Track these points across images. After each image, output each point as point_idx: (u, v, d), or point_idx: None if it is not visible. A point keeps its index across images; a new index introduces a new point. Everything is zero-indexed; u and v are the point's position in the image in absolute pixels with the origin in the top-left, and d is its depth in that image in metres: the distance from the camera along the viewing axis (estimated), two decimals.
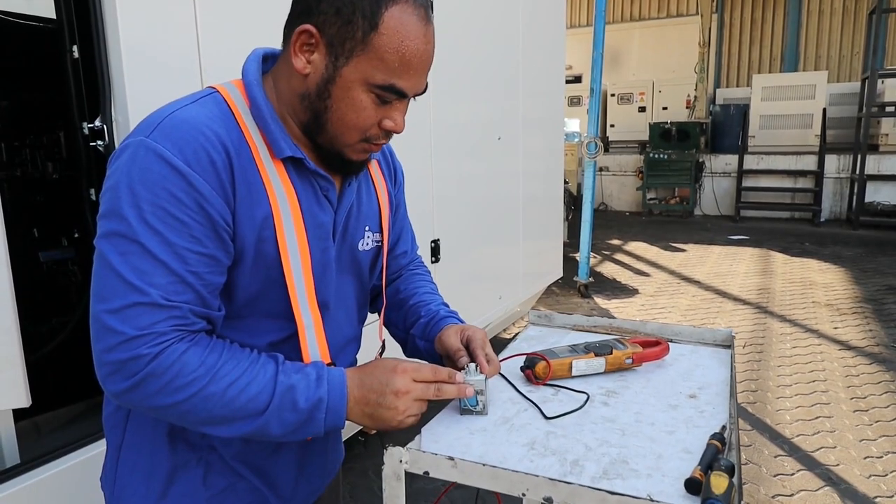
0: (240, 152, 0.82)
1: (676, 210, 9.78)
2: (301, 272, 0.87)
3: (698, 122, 9.95)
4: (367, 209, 1.00)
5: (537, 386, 1.07)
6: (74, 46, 1.66)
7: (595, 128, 5.39)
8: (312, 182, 0.89)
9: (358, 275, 1.01)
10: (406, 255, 1.18)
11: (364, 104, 0.82)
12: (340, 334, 0.99)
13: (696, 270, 6.30)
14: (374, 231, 1.01)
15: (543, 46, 4.11)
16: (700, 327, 1.29)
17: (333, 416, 0.83)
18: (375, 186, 1.03)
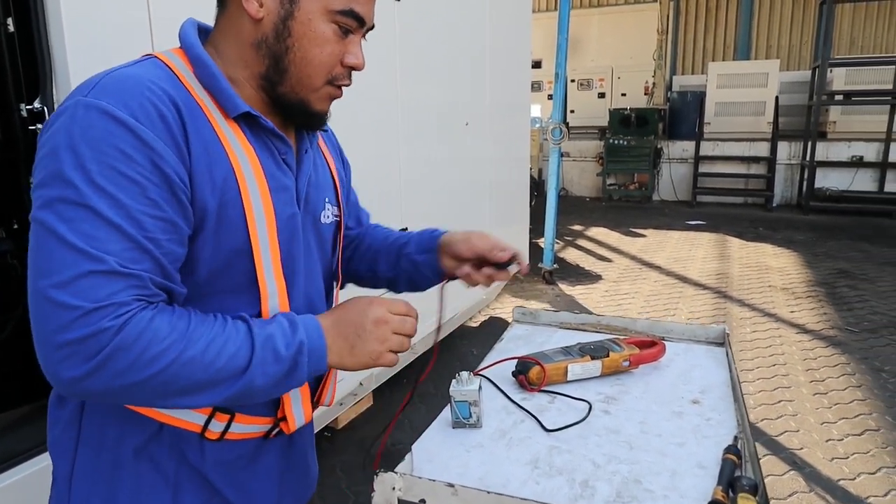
0: (191, 110, 0.74)
1: (635, 196, 9.90)
2: (267, 238, 0.80)
3: (656, 109, 10.07)
4: (323, 181, 0.94)
5: (532, 393, 1.01)
6: (9, 19, 1.49)
7: (560, 113, 5.36)
8: (269, 144, 0.82)
9: (323, 250, 0.94)
10: (361, 224, 1.13)
11: (327, 36, 0.79)
12: (317, 298, 0.93)
13: (656, 256, 6.39)
14: (333, 204, 0.95)
15: (509, 31, 4.04)
16: (692, 324, 1.25)
17: (316, 359, 0.76)
18: (327, 160, 0.98)
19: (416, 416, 3.02)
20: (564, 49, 5.14)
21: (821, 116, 8.85)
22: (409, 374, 3.43)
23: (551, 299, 4.96)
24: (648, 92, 10.62)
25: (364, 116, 2.58)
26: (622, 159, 9.68)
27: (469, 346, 3.98)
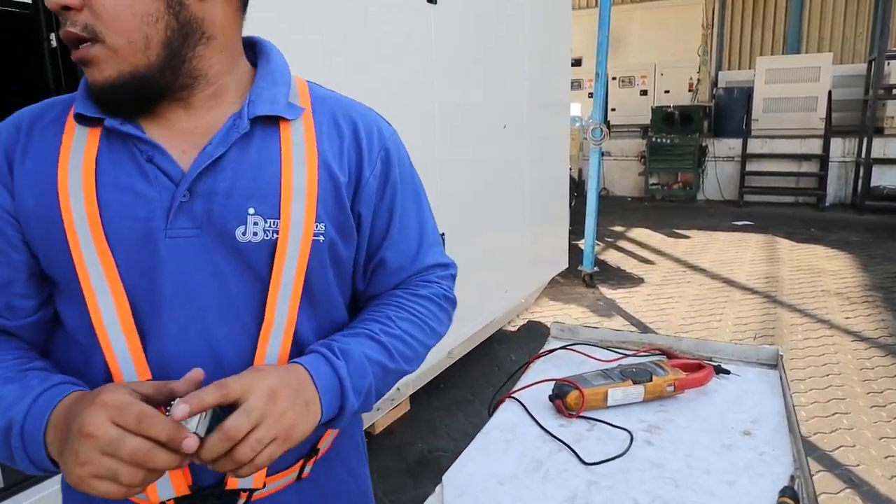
0: (43, 129, 0.71)
1: (679, 195, 9.65)
2: (100, 268, 0.68)
3: (701, 106, 9.78)
4: (251, 182, 0.71)
5: (569, 419, 0.96)
6: (52, 35, 1.53)
7: (601, 113, 5.24)
8: (128, 147, 0.70)
9: (252, 276, 0.73)
10: (401, 269, 0.85)
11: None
12: (218, 358, 0.72)
13: (701, 258, 6.20)
14: (268, 217, 0.71)
15: (549, 29, 3.96)
16: (742, 344, 1.17)
17: (32, 448, 0.63)
18: (285, 154, 0.73)
19: (452, 422, 2.99)
20: (605, 47, 5.03)
21: (877, 111, 8.44)
22: (448, 379, 3.40)
23: (591, 303, 4.86)
24: (693, 88, 10.34)
25: (401, 120, 2.56)
26: (665, 158, 9.45)
27: (507, 350, 3.93)
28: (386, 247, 0.83)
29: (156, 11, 0.65)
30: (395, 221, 0.82)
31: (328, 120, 0.78)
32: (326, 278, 0.78)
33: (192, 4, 0.68)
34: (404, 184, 0.84)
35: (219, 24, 0.71)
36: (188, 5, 0.68)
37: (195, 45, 0.70)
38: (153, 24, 0.66)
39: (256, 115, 0.72)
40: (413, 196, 0.86)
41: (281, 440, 0.63)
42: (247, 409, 0.61)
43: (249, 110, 0.72)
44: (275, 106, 0.73)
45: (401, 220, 0.83)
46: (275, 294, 0.72)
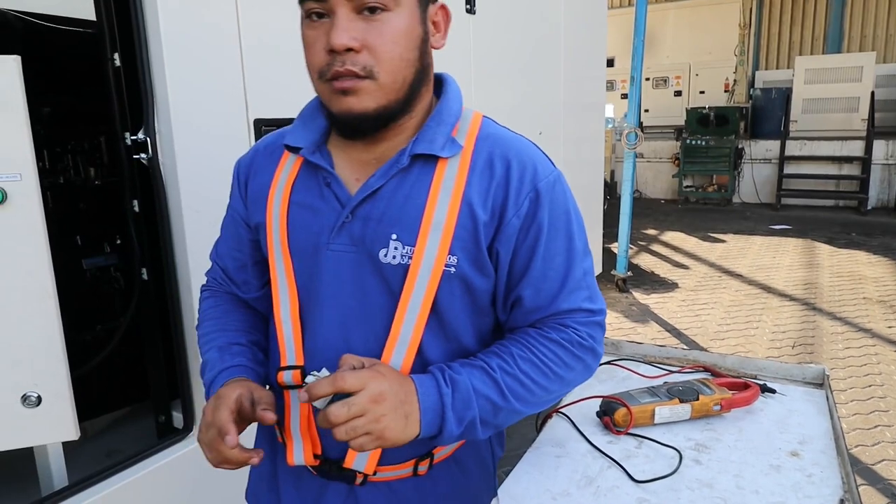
0: (269, 154, 0.93)
1: (714, 198, 9.50)
2: (283, 268, 0.88)
3: (738, 107, 9.62)
4: (399, 212, 0.81)
5: (617, 436, 0.99)
6: (116, 55, 1.60)
7: (635, 117, 5.22)
8: (316, 173, 0.86)
9: (389, 293, 0.83)
10: (538, 309, 0.86)
11: (307, 37, 0.79)
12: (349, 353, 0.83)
13: (737, 263, 6.11)
14: (406, 243, 0.81)
15: (585, 31, 3.97)
16: (787, 363, 1.19)
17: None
18: (433, 190, 0.82)
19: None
20: (640, 52, 5.01)
21: None
22: None
23: (625, 308, 4.84)
24: (729, 89, 10.17)
25: None
26: (700, 160, 9.32)
27: None
28: (524, 285, 0.85)
29: (413, 58, 0.79)
30: (535, 262, 0.84)
31: (484, 158, 0.84)
32: (455, 306, 0.85)
33: (429, 53, 0.83)
34: (554, 225, 0.85)
35: (431, 69, 0.86)
36: (428, 53, 0.83)
37: (423, 86, 0.84)
38: (410, 67, 0.79)
39: (416, 153, 0.82)
40: (564, 238, 0.86)
41: (374, 437, 0.73)
42: (350, 402, 0.72)
43: (412, 148, 0.82)
44: (433, 146, 0.82)
45: (543, 262, 0.84)
46: (402, 312, 0.82)
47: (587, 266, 0.89)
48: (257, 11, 1.68)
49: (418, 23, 0.79)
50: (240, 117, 1.70)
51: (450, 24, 0.86)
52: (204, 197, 1.61)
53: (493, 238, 0.83)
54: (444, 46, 0.86)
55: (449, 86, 0.88)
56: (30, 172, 1.16)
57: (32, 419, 1.20)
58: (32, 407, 1.18)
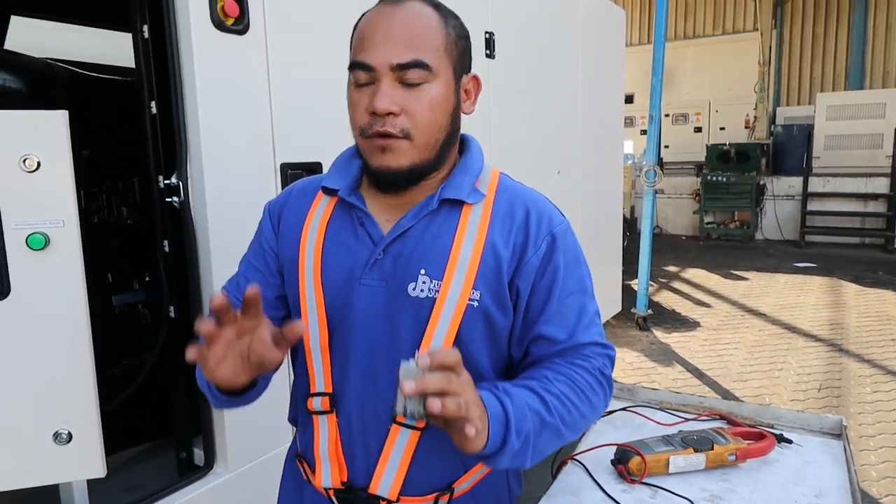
0: (302, 196, 0.99)
1: (736, 234, 9.42)
2: (314, 302, 0.92)
3: (759, 144, 9.60)
4: (428, 250, 0.89)
5: (632, 485, 0.99)
6: (153, 102, 1.68)
7: (654, 155, 5.25)
8: (350, 213, 0.94)
9: (416, 325, 0.89)
10: (559, 341, 0.91)
11: (353, 99, 0.88)
12: (375, 384, 0.90)
13: (760, 301, 6.02)
14: (434, 278, 0.88)
15: (603, 69, 4.04)
16: (804, 412, 1.18)
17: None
18: (460, 230, 0.90)
19: None
20: (659, 91, 5.07)
21: None
22: None
23: (645, 347, 4.79)
24: (749, 125, 10.17)
25: None
26: (721, 196, 9.29)
27: None
28: (543, 321, 0.90)
29: (445, 123, 0.88)
30: (553, 299, 0.90)
31: (505, 206, 0.93)
32: (477, 340, 0.90)
33: (458, 120, 0.91)
34: (567, 268, 0.92)
35: (459, 133, 0.94)
36: (457, 120, 0.91)
37: (451, 147, 0.92)
38: (441, 131, 0.88)
39: (444, 198, 0.90)
40: (577, 280, 0.93)
41: (470, 403, 0.72)
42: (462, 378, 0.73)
43: (440, 193, 0.90)
44: (459, 192, 0.90)
45: (559, 299, 0.91)
46: (428, 342, 0.88)
47: (596, 308, 0.96)
48: (286, 61, 1.77)
49: (452, 92, 0.89)
50: (267, 161, 1.77)
51: (480, 91, 0.94)
52: (231, 238, 1.67)
53: (513, 275, 0.90)
54: (473, 112, 0.94)
55: (472, 144, 0.98)
56: (72, 219, 1.22)
57: (62, 456, 1.24)
58: (63, 444, 1.22)
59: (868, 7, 10.61)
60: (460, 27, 0.91)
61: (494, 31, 2.76)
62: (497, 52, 2.79)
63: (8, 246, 1.21)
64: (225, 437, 1.69)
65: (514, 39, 2.91)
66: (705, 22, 12.15)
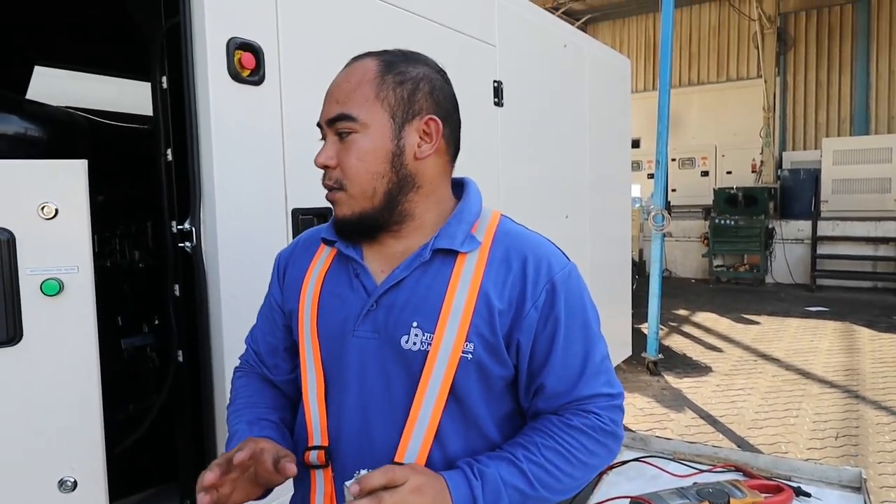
0: (307, 246, 1.02)
1: (746, 278, 9.37)
2: (311, 355, 0.94)
3: (766, 187, 9.65)
4: (420, 301, 0.88)
5: None
6: (169, 150, 1.73)
7: (661, 199, 5.28)
8: (347, 265, 0.94)
9: (409, 379, 0.87)
10: (559, 395, 0.89)
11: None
12: (370, 439, 0.89)
13: (773, 346, 5.94)
14: (426, 330, 0.86)
15: (609, 115, 4.11)
16: (822, 465, 1.16)
17: None
18: (453, 281, 0.88)
19: None
20: (665, 137, 5.13)
21: None
22: None
23: (656, 392, 4.71)
24: (756, 170, 10.24)
25: None
26: (730, 240, 9.27)
27: None
28: (546, 373, 0.88)
29: (383, 171, 0.88)
30: (556, 351, 0.88)
31: (501, 253, 0.90)
32: (473, 392, 0.88)
33: (409, 164, 0.90)
34: (571, 315, 0.89)
35: (428, 176, 0.92)
36: (406, 165, 0.89)
37: (408, 193, 0.90)
38: (380, 179, 0.88)
39: (437, 248, 0.89)
40: (581, 326, 0.91)
41: None
42: (397, 492, 0.76)
43: (433, 243, 0.90)
44: (453, 241, 0.89)
45: (563, 350, 0.88)
46: (421, 396, 0.86)
47: (604, 350, 0.93)
48: (299, 111, 1.81)
49: (389, 139, 0.88)
50: (279, 207, 1.80)
51: (440, 133, 0.90)
52: (241, 283, 1.68)
53: (510, 328, 0.88)
54: (428, 155, 0.90)
55: (469, 188, 0.97)
56: (86, 266, 1.24)
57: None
58: (68, 492, 1.20)
59: (871, 54, 10.82)
60: (407, 73, 0.89)
61: (502, 80, 2.82)
62: (505, 99, 2.85)
63: (23, 291, 1.22)
64: None
65: (521, 87, 2.98)
66: (709, 69, 12.41)
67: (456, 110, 0.95)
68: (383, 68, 0.89)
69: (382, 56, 0.91)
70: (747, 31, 11.43)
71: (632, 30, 12.89)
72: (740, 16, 11.34)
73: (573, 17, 11.67)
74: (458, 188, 0.98)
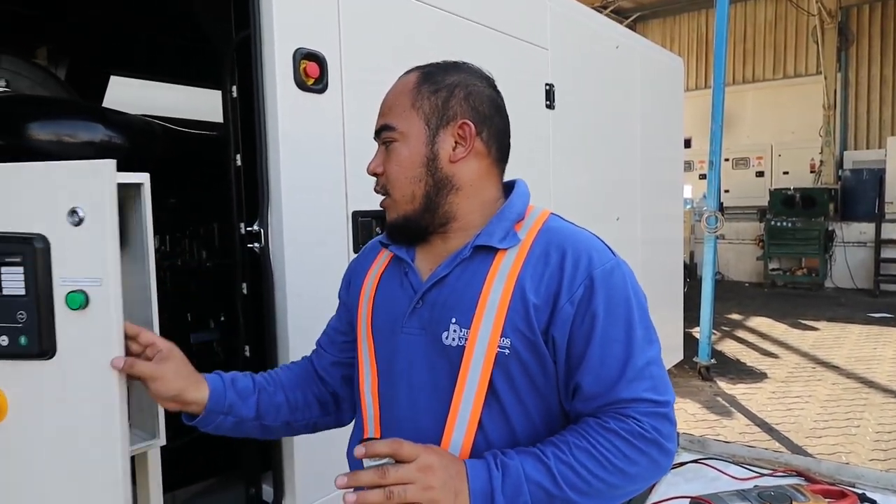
0: (372, 249, 1.09)
1: (804, 282, 9.04)
2: (368, 352, 0.99)
3: (826, 188, 9.29)
4: (459, 298, 0.90)
5: None
6: (238, 155, 1.81)
7: (715, 201, 5.16)
8: (399, 265, 1.00)
9: (453, 373, 0.89)
10: (596, 396, 0.87)
11: None
12: (420, 431, 0.89)
13: (832, 353, 5.72)
14: (463, 326, 0.89)
15: (662, 115, 4.06)
16: (890, 472, 1.14)
17: None
18: (490, 277, 0.90)
19: None
20: (719, 137, 5.02)
21: None
22: None
23: (709, 398, 4.62)
24: (815, 170, 9.87)
25: None
26: (786, 242, 8.97)
27: None
28: (582, 372, 0.86)
29: (420, 174, 0.94)
30: (592, 348, 0.86)
31: (541, 249, 0.91)
32: (512, 387, 0.88)
33: (444, 167, 0.94)
34: (612, 313, 0.86)
35: (467, 179, 0.96)
36: (441, 168, 0.94)
37: (447, 195, 0.95)
38: (417, 182, 0.94)
39: (477, 245, 0.92)
40: (623, 326, 0.87)
41: (413, 489, 0.77)
42: (403, 467, 0.78)
43: (473, 241, 0.93)
44: (491, 238, 0.92)
45: (600, 349, 0.85)
46: (461, 391, 0.89)
47: (651, 356, 0.88)
48: (359, 117, 1.88)
49: (423, 145, 0.94)
50: (340, 210, 1.87)
51: (473, 136, 0.94)
52: (305, 283, 1.76)
53: (547, 324, 0.87)
54: (462, 158, 0.94)
55: (516, 188, 1.00)
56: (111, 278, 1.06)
57: None
58: None
59: None
60: (442, 81, 0.95)
61: (554, 83, 2.84)
62: (556, 102, 2.86)
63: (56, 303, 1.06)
64: (294, 473, 1.74)
65: (573, 90, 2.99)
66: (765, 66, 12.00)
67: (498, 114, 0.98)
68: (421, 79, 0.96)
69: (424, 69, 0.98)
70: (805, 25, 11.01)
71: (682, 27, 12.59)
72: (798, 10, 10.94)
73: (622, 16, 11.50)
74: (509, 189, 1.00)
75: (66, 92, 2.12)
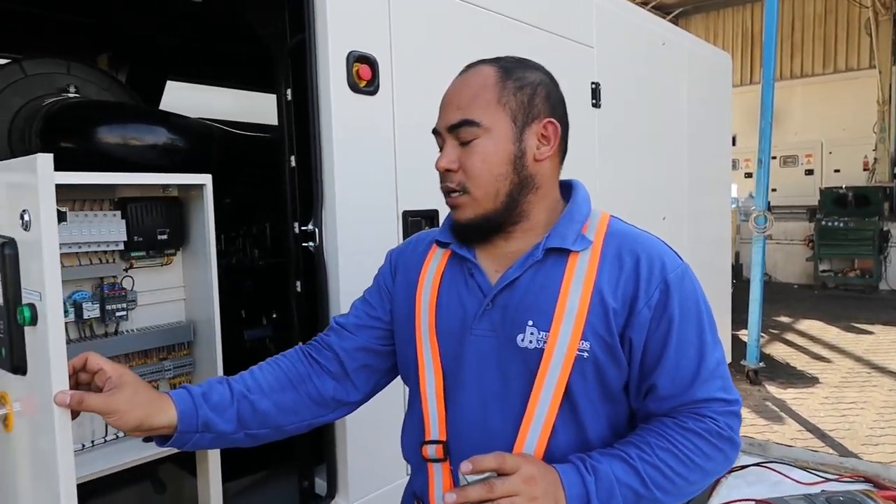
0: (419, 246, 1.05)
1: (856, 284, 8.70)
2: (430, 355, 0.96)
3: (881, 187, 8.92)
4: (535, 300, 0.90)
5: None
6: (292, 157, 1.86)
7: (763, 200, 5.03)
8: (462, 265, 0.97)
9: (527, 376, 0.89)
10: (672, 397, 0.88)
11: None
12: (489, 434, 0.90)
13: (889, 358, 5.50)
14: (542, 329, 0.88)
15: (709, 111, 3.98)
16: None
17: None
18: (566, 280, 0.90)
19: None
20: (768, 134, 4.89)
21: None
22: None
23: (758, 403, 4.50)
24: (869, 168, 9.49)
25: None
26: (838, 243, 8.66)
27: None
28: (658, 374, 0.88)
29: (506, 172, 0.92)
30: (669, 351, 0.87)
31: (613, 252, 0.92)
32: (588, 391, 0.89)
33: (529, 166, 0.93)
34: (685, 316, 0.89)
35: (545, 178, 0.95)
36: (527, 166, 0.93)
37: (527, 194, 0.94)
38: (503, 181, 0.92)
39: (549, 247, 0.91)
40: (696, 328, 0.89)
41: (522, 500, 0.77)
42: (508, 480, 0.78)
43: (545, 243, 0.92)
44: (564, 240, 0.92)
45: (676, 351, 0.88)
46: (538, 393, 0.88)
47: (719, 356, 0.91)
48: (409, 118, 1.90)
49: (511, 142, 0.91)
50: (391, 209, 1.90)
51: (559, 136, 0.94)
52: (358, 281, 1.78)
53: (624, 327, 0.88)
54: (546, 157, 0.94)
55: (578, 190, 1.00)
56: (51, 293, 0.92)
57: None
58: None
59: None
60: (525, 78, 0.93)
61: (600, 82, 2.81)
62: (603, 100, 2.84)
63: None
64: (347, 467, 1.77)
65: (619, 88, 2.96)
66: (814, 60, 11.61)
67: (566, 114, 0.98)
68: (503, 74, 0.92)
69: (499, 62, 0.94)
70: (857, 17, 10.62)
71: (727, 21, 12.28)
72: (850, 2, 10.55)
73: (664, 11, 11.29)
74: (565, 189, 1.00)
75: (130, 97, 2.20)
